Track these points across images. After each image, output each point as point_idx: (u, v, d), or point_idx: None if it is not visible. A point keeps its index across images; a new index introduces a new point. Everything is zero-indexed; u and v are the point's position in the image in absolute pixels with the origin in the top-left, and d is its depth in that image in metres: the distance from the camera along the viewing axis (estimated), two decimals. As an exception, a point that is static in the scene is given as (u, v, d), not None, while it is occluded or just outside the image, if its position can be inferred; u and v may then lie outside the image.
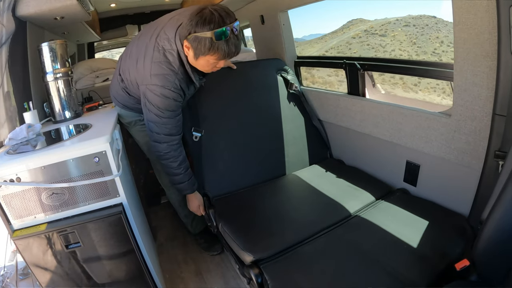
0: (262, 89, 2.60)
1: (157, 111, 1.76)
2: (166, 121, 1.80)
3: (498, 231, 1.03)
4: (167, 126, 1.82)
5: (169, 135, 1.85)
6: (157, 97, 1.73)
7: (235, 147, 2.38)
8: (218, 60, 1.65)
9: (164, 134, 1.83)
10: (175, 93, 1.75)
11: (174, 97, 1.76)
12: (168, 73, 1.72)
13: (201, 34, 1.53)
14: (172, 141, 1.87)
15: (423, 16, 8.23)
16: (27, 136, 1.66)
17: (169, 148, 1.88)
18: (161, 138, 1.84)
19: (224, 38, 1.53)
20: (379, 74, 2.73)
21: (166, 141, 1.86)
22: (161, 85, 1.71)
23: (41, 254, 1.52)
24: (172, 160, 1.91)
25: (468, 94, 1.56)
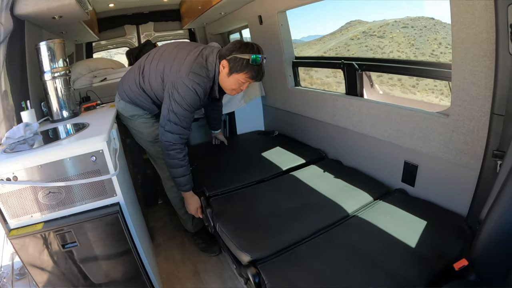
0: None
1: (183, 102, 1.94)
2: (187, 114, 1.98)
3: (497, 230, 1.03)
4: (186, 119, 1.99)
5: (184, 128, 2.00)
6: (189, 91, 1.93)
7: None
8: (247, 80, 1.98)
9: (181, 126, 1.98)
10: (203, 93, 1.98)
11: (200, 96, 1.97)
12: (205, 76, 1.97)
13: (240, 56, 1.92)
14: (184, 134, 2.02)
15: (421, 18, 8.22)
16: (24, 135, 1.65)
17: (179, 140, 2.01)
18: (177, 129, 1.98)
19: (257, 63, 1.92)
20: (377, 75, 2.73)
21: (179, 132, 1.99)
22: (197, 82, 1.93)
23: (37, 254, 1.51)
24: (179, 151, 2.02)
25: (466, 94, 1.57)
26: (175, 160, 2.04)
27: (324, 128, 2.79)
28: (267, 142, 3.19)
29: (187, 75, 1.93)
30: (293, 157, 2.72)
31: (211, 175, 2.50)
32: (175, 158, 2.04)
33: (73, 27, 3.10)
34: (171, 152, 2.02)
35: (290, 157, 2.74)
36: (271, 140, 3.29)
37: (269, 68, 3.30)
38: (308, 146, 2.99)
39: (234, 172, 2.55)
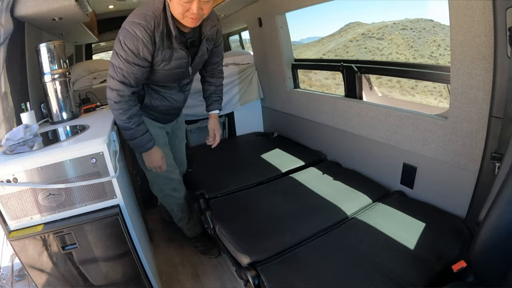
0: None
1: (121, 49, 1.64)
2: (123, 65, 1.66)
3: (495, 232, 1.03)
4: (122, 71, 1.67)
5: (122, 83, 1.69)
6: (127, 33, 1.61)
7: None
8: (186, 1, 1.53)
9: (118, 80, 1.69)
10: (146, 33, 1.60)
11: (143, 38, 1.61)
12: (149, 14, 1.61)
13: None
14: (123, 91, 1.70)
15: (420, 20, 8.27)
16: (24, 137, 1.65)
17: (119, 98, 1.72)
18: (114, 84, 1.70)
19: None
20: (376, 78, 2.75)
21: (117, 88, 1.70)
22: (137, 22, 1.59)
23: (37, 255, 1.51)
24: (121, 112, 1.75)
25: (464, 97, 1.57)
26: (121, 122, 1.79)
27: (323, 130, 2.79)
28: (266, 144, 3.20)
29: (130, 18, 1.63)
30: (292, 159, 2.72)
31: (210, 177, 2.51)
32: (119, 119, 1.78)
33: (73, 29, 3.10)
34: (114, 112, 1.78)
35: (289, 159, 2.75)
36: (270, 141, 3.29)
37: (269, 70, 3.32)
38: (307, 148, 3.00)
39: (233, 174, 2.56)
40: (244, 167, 2.72)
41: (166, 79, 1.92)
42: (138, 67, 1.68)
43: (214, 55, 2.09)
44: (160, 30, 1.65)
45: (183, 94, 2.10)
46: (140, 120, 1.83)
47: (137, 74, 1.70)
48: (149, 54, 1.67)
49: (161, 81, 1.93)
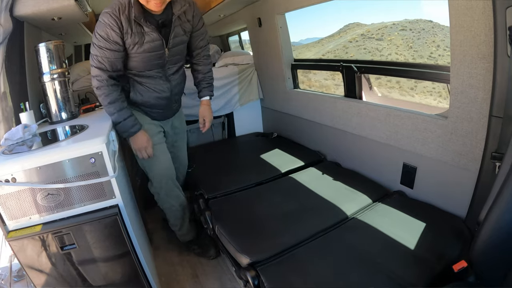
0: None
1: (94, 38, 1.76)
2: (98, 52, 1.77)
3: (496, 232, 1.03)
4: (97, 57, 1.78)
5: (98, 69, 1.80)
6: (98, 23, 1.74)
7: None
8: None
9: (95, 66, 1.80)
10: (112, 18, 1.70)
11: (110, 23, 1.71)
12: (115, 1, 1.73)
13: None
14: (101, 76, 1.81)
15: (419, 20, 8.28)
16: (23, 137, 1.65)
17: (99, 83, 1.82)
18: (93, 71, 1.81)
19: None
20: (375, 78, 2.74)
21: (96, 74, 1.81)
22: (105, 11, 1.72)
23: (36, 256, 1.50)
24: (102, 98, 1.84)
25: (464, 96, 1.57)
26: (104, 107, 1.88)
27: (323, 130, 2.79)
28: (266, 144, 3.20)
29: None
30: (292, 159, 2.72)
31: (209, 177, 2.50)
32: (102, 105, 1.88)
33: (72, 29, 3.10)
34: (99, 98, 1.87)
35: (288, 159, 2.75)
36: (270, 142, 3.29)
37: (268, 71, 3.32)
38: (306, 148, 2.99)
39: (233, 174, 2.55)
40: (243, 167, 2.72)
41: (145, 65, 1.93)
42: (110, 51, 1.77)
43: (196, 39, 2.13)
44: (126, 14, 1.73)
45: (169, 84, 2.07)
46: (122, 105, 1.88)
47: (111, 57, 1.78)
48: (118, 37, 1.75)
49: (140, 68, 1.94)
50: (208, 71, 2.27)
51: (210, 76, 2.29)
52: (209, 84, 2.28)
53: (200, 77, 2.26)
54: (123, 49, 1.81)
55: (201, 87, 2.27)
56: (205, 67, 2.26)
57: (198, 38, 2.12)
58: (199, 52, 2.19)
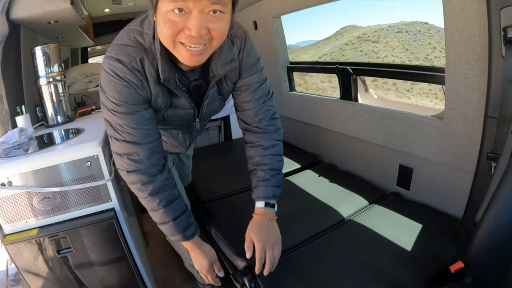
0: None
1: (106, 100, 1.10)
2: (120, 119, 1.11)
3: (492, 232, 1.03)
4: (123, 128, 1.13)
5: (130, 143, 1.15)
6: (107, 75, 1.06)
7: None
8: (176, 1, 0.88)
9: (123, 140, 1.15)
10: (132, 73, 1.05)
11: (129, 80, 1.06)
12: (133, 45, 1.06)
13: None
14: (137, 154, 1.17)
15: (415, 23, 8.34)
16: (19, 140, 1.65)
17: (133, 165, 1.18)
18: (119, 146, 1.16)
19: None
20: (372, 80, 2.76)
21: (126, 151, 1.17)
22: (116, 57, 1.04)
23: (32, 260, 1.50)
24: (139, 187, 1.22)
25: (460, 97, 1.58)
26: (142, 200, 1.27)
27: (319, 132, 2.80)
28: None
29: (107, 53, 1.07)
30: (288, 162, 2.72)
31: (205, 180, 2.50)
32: (140, 197, 1.27)
33: (69, 32, 3.10)
34: (131, 187, 1.25)
35: (285, 162, 2.74)
36: (266, 144, 3.28)
37: (264, 73, 3.31)
38: (303, 150, 2.99)
39: (229, 177, 2.55)
40: (240, 170, 2.70)
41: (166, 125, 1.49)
42: (138, 114, 1.13)
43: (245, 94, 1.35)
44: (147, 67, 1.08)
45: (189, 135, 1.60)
46: (170, 196, 1.28)
47: (142, 121, 1.15)
48: (145, 95, 1.13)
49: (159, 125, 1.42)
50: (269, 147, 1.42)
51: (277, 158, 1.45)
52: (270, 176, 1.41)
53: (256, 158, 1.43)
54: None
55: (257, 180, 1.44)
56: (266, 140, 1.42)
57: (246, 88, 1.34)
58: (255, 113, 1.39)
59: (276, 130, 1.45)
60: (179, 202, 1.31)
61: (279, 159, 1.45)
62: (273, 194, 1.42)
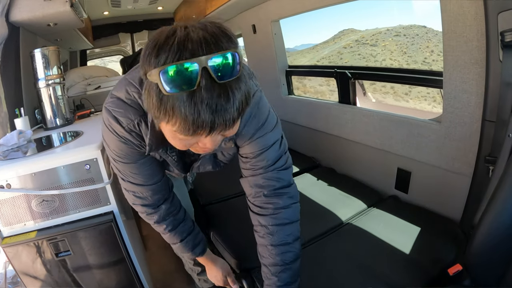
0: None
1: (108, 148, 1.10)
2: (122, 167, 1.14)
3: (490, 235, 1.04)
4: (126, 173, 1.16)
5: (134, 184, 1.19)
6: (106, 130, 1.04)
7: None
8: (177, 136, 0.75)
9: (129, 181, 1.18)
10: (130, 134, 1.01)
11: (127, 139, 1.03)
12: (131, 105, 0.97)
13: (150, 77, 0.69)
14: (140, 192, 1.21)
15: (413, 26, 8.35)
16: (18, 143, 1.65)
17: (138, 200, 1.23)
18: (127, 185, 1.20)
19: (186, 88, 0.65)
20: (370, 84, 2.76)
21: (131, 189, 1.21)
22: (115, 116, 0.99)
23: (30, 262, 1.50)
24: (145, 216, 1.29)
25: (457, 101, 1.58)
26: (152, 226, 1.33)
27: (317, 136, 2.80)
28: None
29: (107, 99, 1.02)
30: (287, 165, 2.72)
31: (205, 183, 2.50)
32: (149, 223, 1.32)
33: (68, 35, 3.11)
34: (141, 215, 1.31)
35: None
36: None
37: (263, 77, 3.33)
38: (301, 154, 2.99)
39: (228, 181, 2.53)
40: (239, 174, 2.71)
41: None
42: (140, 162, 1.14)
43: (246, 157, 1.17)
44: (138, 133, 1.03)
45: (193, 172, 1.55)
46: (174, 222, 1.32)
47: (144, 168, 1.16)
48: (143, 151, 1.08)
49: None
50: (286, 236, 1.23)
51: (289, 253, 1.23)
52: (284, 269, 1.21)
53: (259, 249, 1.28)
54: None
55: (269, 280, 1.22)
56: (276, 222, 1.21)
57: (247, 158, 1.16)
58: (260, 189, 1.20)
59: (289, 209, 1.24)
60: (184, 225, 1.34)
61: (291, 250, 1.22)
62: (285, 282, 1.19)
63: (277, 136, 1.15)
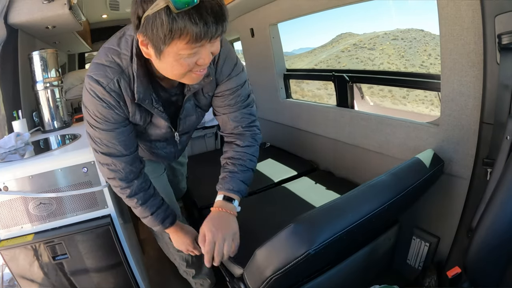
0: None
1: (87, 115, 1.19)
2: (99, 133, 1.20)
3: (488, 237, 1.04)
4: (102, 142, 1.21)
5: (108, 155, 1.24)
6: (88, 94, 1.15)
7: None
8: (193, 47, 0.93)
9: (101, 152, 1.24)
10: (109, 94, 1.12)
11: (108, 101, 1.14)
12: (110, 65, 1.11)
13: (152, 10, 0.86)
14: (114, 164, 1.26)
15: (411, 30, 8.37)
16: (15, 145, 1.64)
17: (111, 174, 1.28)
18: (99, 157, 1.26)
19: (191, 4, 0.84)
20: (368, 87, 2.77)
21: (105, 161, 1.26)
22: (95, 78, 1.11)
23: (27, 265, 1.49)
24: (119, 190, 1.34)
25: (455, 104, 1.59)
26: (125, 200, 1.38)
27: (315, 139, 2.80)
28: (259, 154, 3.19)
29: (90, 67, 1.16)
30: (285, 169, 2.72)
31: (202, 187, 2.49)
32: (122, 197, 1.37)
33: (66, 38, 3.11)
34: (114, 189, 1.37)
35: (281, 168, 2.75)
36: (263, 151, 3.26)
37: (261, 81, 3.33)
38: (299, 157, 2.99)
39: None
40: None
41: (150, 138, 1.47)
42: (118, 131, 1.22)
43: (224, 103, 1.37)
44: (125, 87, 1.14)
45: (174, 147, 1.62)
46: (146, 196, 1.37)
47: (121, 137, 1.23)
48: (120, 116, 1.20)
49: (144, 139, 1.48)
50: (245, 146, 1.46)
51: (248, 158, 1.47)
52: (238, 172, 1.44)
53: (229, 153, 1.48)
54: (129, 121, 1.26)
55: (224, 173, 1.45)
56: (243, 139, 1.46)
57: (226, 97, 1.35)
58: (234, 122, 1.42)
59: (253, 135, 1.46)
60: (154, 199, 1.40)
61: (251, 158, 1.46)
62: (238, 188, 1.42)
63: (245, 77, 1.37)
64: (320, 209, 1.26)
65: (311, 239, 1.12)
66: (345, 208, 1.28)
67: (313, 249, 1.09)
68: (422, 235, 1.86)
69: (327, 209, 1.26)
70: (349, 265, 1.56)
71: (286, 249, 1.15)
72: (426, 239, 1.84)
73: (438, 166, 1.58)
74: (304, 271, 1.37)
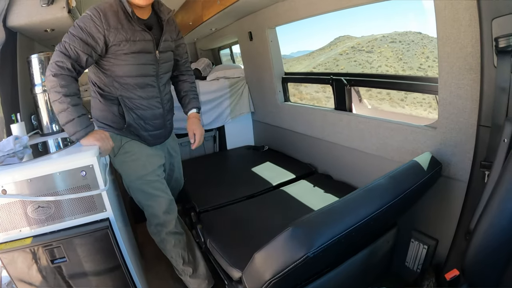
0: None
1: (72, 27, 1.61)
2: (68, 38, 1.58)
3: (486, 240, 1.04)
4: (65, 43, 1.57)
5: (63, 54, 1.56)
6: (84, 16, 1.61)
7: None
8: None
9: (60, 51, 1.57)
10: (97, 12, 1.59)
11: (93, 16, 1.58)
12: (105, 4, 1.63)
13: None
14: (63, 62, 1.55)
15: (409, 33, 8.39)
16: (14, 148, 1.64)
17: (57, 70, 1.54)
18: (55, 55, 1.57)
19: None
20: (366, 90, 2.77)
21: (57, 59, 1.55)
22: (93, 6, 1.61)
23: (26, 269, 1.48)
24: (57, 89, 1.52)
25: (453, 107, 1.59)
26: (55, 103, 1.54)
27: (313, 143, 2.80)
28: (257, 157, 3.20)
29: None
30: (283, 172, 2.72)
31: (201, 190, 2.49)
32: (54, 99, 1.54)
33: (65, 41, 3.11)
34: (50, 92, 1.56)
35: (280, 172, 2.75)
36: (261, 155, 3.29)
37: (259, 84, 3.34)
38: (298, 161, 3.00)
39: (224, 188, 2.55)
40: (235, 180, 2.71)
41: (138, 68, 1.73)
42: (82, 43, 1.58)
43: (179, 48, 2.01)
44: (113, 10, 1.63)
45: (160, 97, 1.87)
46: (77, 101, 1.58)
47: (79, 49, 1.58)
48: (97, 32, 1.59)
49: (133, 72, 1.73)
50: (193, 82, 2.13)
51: (195, 88, 2.15)
52: (195, 96, 2.11)
53: (186, 87, 2.09)
54: (98, 49, 1.63)
55: (189, 99, 2.07)
56: (190, 77, 2.13)
57: (180, 47, 2.02)
58: (184, 62, 2.09)
59: (193, 74, 2.19)
60: (82, 108, 1.60)
61: (196, 90, 2.17)
62: (199, 105, 2.11)
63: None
64: (319, 212, 1.26)
65: (309, 243, 1.11)
66: (344, 211, 1.27)
67: (311, 252, 1.08)
68: (421, 237, 1.86)
69: (326, 212, 1.26)
70: (348, 268, 1.56)
71: (284, 252, 1.15)
72: (424, 241, 1.84)
73: (436, 169, 1.58)
74: (303, 274, 1.36)
